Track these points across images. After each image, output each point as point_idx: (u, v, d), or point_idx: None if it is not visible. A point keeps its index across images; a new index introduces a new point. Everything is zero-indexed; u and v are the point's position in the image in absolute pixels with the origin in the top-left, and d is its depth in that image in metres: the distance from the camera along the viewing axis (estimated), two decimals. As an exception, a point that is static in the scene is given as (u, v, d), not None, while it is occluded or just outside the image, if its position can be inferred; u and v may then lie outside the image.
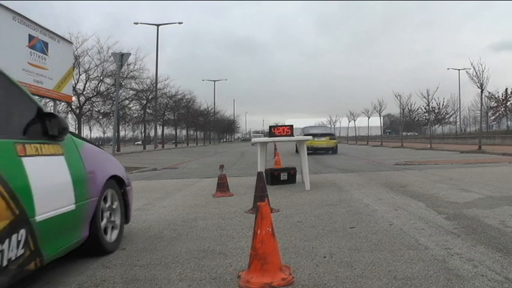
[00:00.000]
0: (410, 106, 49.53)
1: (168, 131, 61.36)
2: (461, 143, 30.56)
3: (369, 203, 5.19)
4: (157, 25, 33.81)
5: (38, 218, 2.33)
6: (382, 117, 47.74)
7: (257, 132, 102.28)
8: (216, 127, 72.76)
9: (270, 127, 7.32)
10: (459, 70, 46.59)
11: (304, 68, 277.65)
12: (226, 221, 4.38)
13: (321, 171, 10.28)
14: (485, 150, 18.17)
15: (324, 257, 2.96)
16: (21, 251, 2.20)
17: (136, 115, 39.29)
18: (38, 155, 2.50)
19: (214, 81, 60.31)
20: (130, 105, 35.41)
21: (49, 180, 2.53)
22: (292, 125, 7.14)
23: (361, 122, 47.69)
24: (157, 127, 41.86)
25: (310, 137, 7.98)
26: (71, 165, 2.81)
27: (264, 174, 5.31)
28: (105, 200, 3.34)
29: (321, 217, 4.42)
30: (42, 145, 2.58)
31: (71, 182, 2.76)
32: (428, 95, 27.71)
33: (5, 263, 2.07)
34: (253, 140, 8.08)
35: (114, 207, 3.50)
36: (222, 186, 6.47)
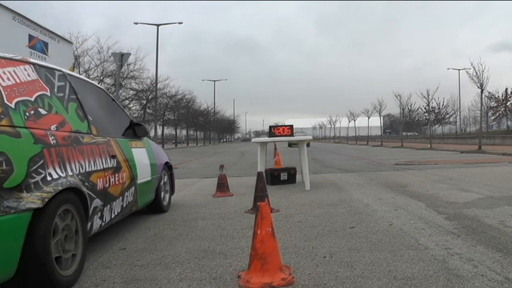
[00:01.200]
0: (410, 106, 49.58)
1: (168, 131, 61.36)
2: (461, 143, 30.56)
3: (369, 203, 5.19)
4: (157, 25, 33.75)
5: (139, 181, 4.06)
6: (382, 117, 47.75)
7: (258, 132, 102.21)
8: (216, 127, 72.71)
9: (270, 127, 7.32)
10: (459, 70, 46.49)
11: (304, 68, 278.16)
12: (226, 221, 4.38)
13: (321, 171, 10.28)
14: (485, 150, 18.17)
15: (324, 257, 2.96)
16: (132, 198, 3.89)
17: (136, 115, 39.26)
18: (136, 147, 4.26)
19: (214, 81, 60.12)
20: (131, 105, 35.39)
21: (141, 161, 4.25)
22: (292, 125, 7.14)
23: (361, 122, 47.67)
24: (157, 127, 41.89)
25: (310, 137, 7.99)
26: (148, 154, 4.57)
27: (264, 174, 5.31)
28: (161, 177, 4.92)
29: (321, 217, 4.42)
30: (136, 141, 4.34)
31: (149, 164, 4.49)
32: (428, 95, 27.71)
33: (126, 203, 3.75)
34: (254, 139, 8.10)
35: (166, 182, 5.19)
36: (222, 186, 6.47)
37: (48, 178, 2.41)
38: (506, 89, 46.75)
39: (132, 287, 2.52)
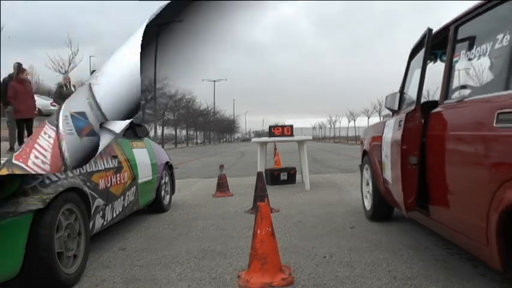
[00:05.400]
0: (410, 106, 49.46)
1: (168, 131, 61.31)
2: (461, 143, 30.50)
3: (369, 203, 5.19)
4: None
5: (140, 181, 4.13)
6: (382, 117, 47.78)
7: (258, 132, 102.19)
8: (216, 127, 72.69)
9: (270, 127, 7.32)
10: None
11: (304, 69, 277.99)
12: (226, 221, 4.38)
13: (321, 171, 10.28)
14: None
15: (324, 257, 2.96)
16: (133, 198, 3.96)
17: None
18: (137, 147, 4.35)
19: (214, 81, 60.11)
20: (130, 105, 35.39)
21: (142, 161, 4.31)
22: (292, 125, 7.14)
23: (361, 122, 47.71)
24: (157, 127, 41.85)
25: (310, 137, 8.00)
26: (149, 154, 4.65)
27: (264, 174, 5.31)
28: (162, 177, 4.97)
29: (321, 217, 4.42)
30: (137, 142, 4.45)
31: (150, 163, 4.56)
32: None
33: (128, 203, 3.82)
34: (253, 139, 8.10)
35: (166, 182, 5.25)
36: (222, 186, 6.47)
37: (47, 181, 2.45)
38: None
39: (132, 287, 2.53)
